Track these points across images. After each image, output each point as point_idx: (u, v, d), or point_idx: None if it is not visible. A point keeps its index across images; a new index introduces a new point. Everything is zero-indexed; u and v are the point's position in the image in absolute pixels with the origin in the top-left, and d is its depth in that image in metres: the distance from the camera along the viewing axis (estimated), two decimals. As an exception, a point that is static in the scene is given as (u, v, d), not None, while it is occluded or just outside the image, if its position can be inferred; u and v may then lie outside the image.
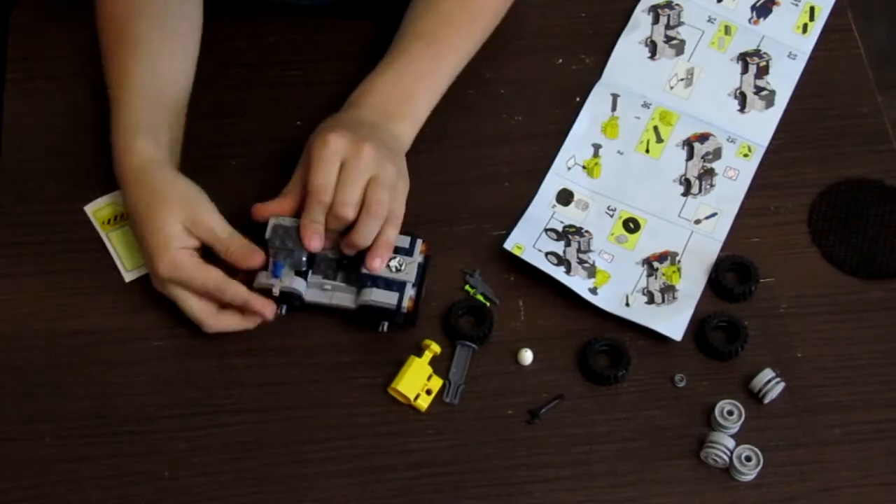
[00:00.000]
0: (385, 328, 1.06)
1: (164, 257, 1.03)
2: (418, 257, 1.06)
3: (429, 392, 1.05)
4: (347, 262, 1.07)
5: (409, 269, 1.05)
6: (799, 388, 1.07)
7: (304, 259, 1.05)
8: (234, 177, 1.15)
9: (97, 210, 1.13)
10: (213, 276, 1.04)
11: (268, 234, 1.05)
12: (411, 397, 1.04)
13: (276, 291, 1.05)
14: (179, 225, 1.04)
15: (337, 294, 1.07)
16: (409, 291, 1.06)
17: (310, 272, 1.06)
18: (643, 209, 1.15)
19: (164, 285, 1.05)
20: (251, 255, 1.05)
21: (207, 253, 1.06)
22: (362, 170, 1.03)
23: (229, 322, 1.06)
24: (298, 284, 1.06)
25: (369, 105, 1.09)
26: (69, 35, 1.22)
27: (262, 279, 1.05)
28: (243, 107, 1.19)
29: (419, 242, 1.06)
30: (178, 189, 1.06)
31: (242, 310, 1.05)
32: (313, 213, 1.03)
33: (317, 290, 1.07)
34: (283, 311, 1.06)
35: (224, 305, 1.05)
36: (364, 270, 1.04)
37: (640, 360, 1.08)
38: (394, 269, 1.04)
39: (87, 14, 1.22)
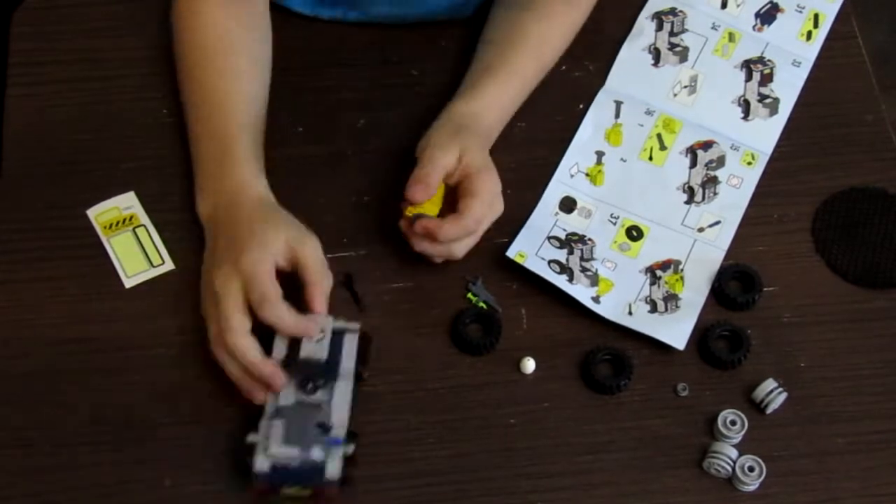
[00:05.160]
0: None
1: (252, 254, 1.01)
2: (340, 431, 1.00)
3: None
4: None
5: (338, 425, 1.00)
6: (802, 397, 1.07)
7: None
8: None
9: (99, 214, 1.13)
10: (276, 293, 1.01)
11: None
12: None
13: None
14: (283, 241, 1.03)
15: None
16: (338, 452, 0.99)
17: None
18: (646, 217, 1.15)
19: (227, 282, 1.01)
20: (307, 324, 1.02)
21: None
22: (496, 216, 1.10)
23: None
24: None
25: (487, 125, 1.13)
26: (71, 39, 1.22)
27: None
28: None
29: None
30: (289, 220, 1.06)
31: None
32: (457, 232, 1.06)
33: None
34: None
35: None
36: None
37: (642, 370, 1.07)
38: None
39: (88, 18, 1.23)
